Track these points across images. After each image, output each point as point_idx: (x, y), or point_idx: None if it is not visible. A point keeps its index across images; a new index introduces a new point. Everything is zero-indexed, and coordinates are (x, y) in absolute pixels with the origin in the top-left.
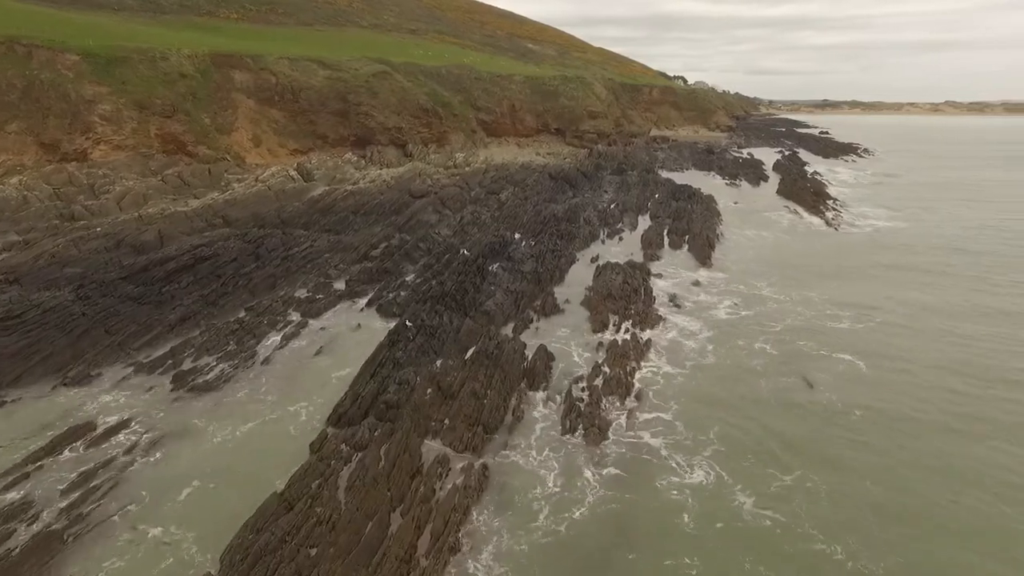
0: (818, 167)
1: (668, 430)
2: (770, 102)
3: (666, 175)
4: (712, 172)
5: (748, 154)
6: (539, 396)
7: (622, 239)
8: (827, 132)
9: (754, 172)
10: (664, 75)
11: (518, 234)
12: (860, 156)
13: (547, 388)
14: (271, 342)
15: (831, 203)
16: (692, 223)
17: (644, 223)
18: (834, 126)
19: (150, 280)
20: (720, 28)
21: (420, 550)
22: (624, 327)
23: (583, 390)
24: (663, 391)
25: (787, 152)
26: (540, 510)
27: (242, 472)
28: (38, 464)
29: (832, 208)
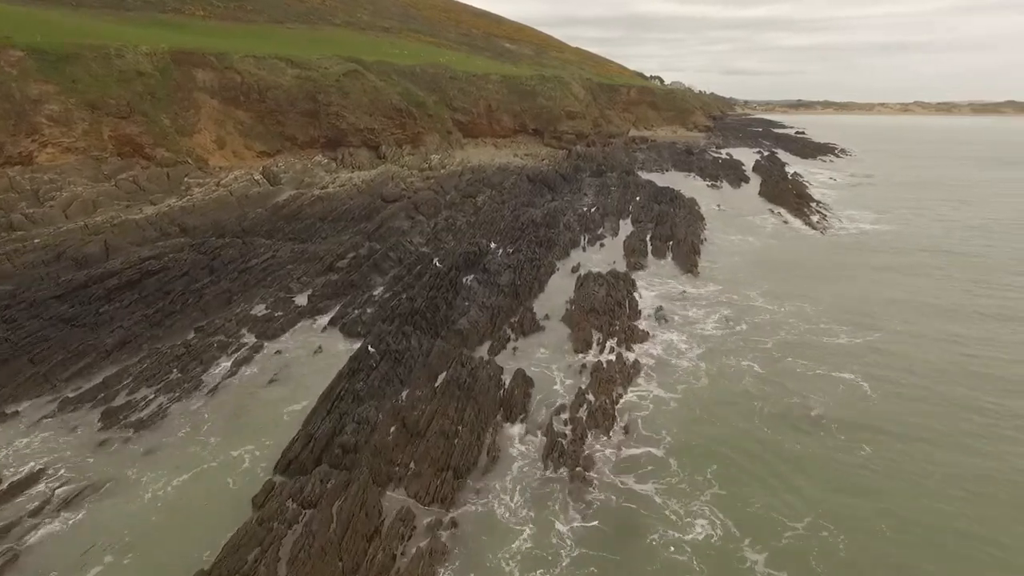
0: (797, 168)
1: (660, 469)
2: (745, 102)
3: (646, 176)
4: (692, 173)
5: (727, 155)
6: (516, 430)
7: (603, 245)
8: (803, 132)
9: (735, 173)
10: (641, 75)
11: (494, 243)
12: (838, 156)
13: (526, 420)
14: (220, 369)
15: (815, 205)
16: (676, 228)
17: (626, 228)
18: (809, 126)
19: (88, 299)
20: (696, 28)
21: None
22: (609, 346)
23: (565, 423)
24: (653, 419)
25: (766, 152)
26: (511, 573)
27: (167, 540)
28: None
29: (816, 211)
